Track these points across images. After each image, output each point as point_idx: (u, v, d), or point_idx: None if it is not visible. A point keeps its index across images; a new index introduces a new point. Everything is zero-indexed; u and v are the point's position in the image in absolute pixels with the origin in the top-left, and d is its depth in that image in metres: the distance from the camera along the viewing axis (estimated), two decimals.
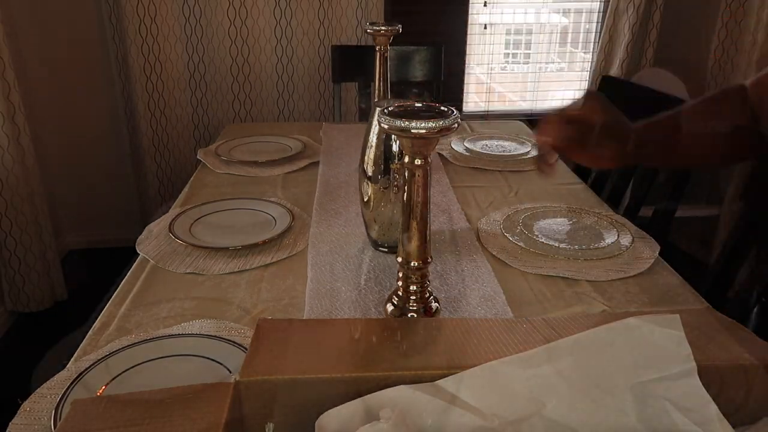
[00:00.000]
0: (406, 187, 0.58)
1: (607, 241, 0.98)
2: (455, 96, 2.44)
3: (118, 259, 0.91)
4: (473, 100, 2.58)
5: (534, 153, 1.42)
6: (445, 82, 1.93)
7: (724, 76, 2.18)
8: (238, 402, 0.39)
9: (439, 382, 0.40)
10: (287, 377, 0.40)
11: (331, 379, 0.40)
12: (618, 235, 0.99)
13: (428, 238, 0.60)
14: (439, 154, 1.43)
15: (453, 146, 1.46)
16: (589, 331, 0.44)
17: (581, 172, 1.41)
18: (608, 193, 1.34)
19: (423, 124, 0.52)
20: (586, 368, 0.42)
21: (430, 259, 0.62)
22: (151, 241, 0.99)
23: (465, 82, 2.46)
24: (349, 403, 0.39)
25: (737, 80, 2.15)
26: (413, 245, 0.60)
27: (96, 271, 1.05)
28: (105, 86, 2.26)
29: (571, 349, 0.43)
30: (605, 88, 1.55)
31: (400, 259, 0.61)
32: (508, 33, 2.55)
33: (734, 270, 0.98)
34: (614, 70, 2.27)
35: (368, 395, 0.39)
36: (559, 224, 1.05)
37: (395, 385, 0.40)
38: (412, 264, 0.61)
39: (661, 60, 2.26)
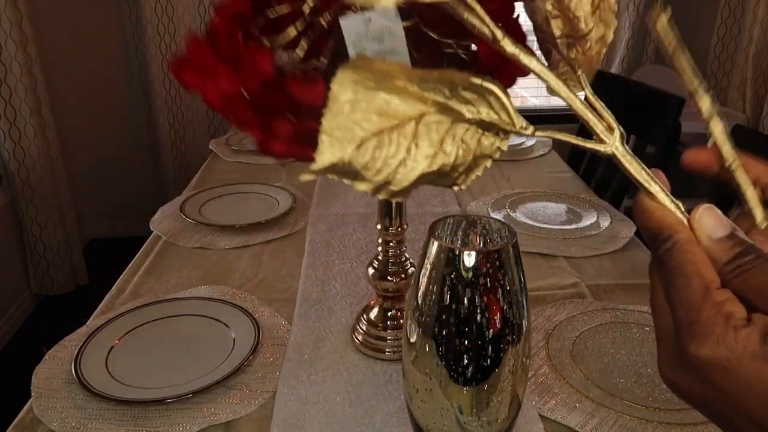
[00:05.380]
0: None
1: (586, 222, 1.04)
2: None
3: (137, 247, 0.99)
4: None
5: (529, 143, 1.49)
6: None
7: (723, 72, 2.22)
8: None
9: None
10: None
11: None
12: (598, 217, 1.06)
13: (404, 206, 0.68)
14: None
15: None
16: None
17: (573, 162, 1.48)
18: (597, 181, 1.40)
19: None
20: None
21: (406, 226, 0.69)
22: (163, 220, 1.07)
23: None
24: None
25: (737, 76, 2.19)
26: (391, 212, 0.67)
27: (115, 258, 1.13)
28: (125, 82, 2.37)
29: None
30: (597, 83, 1.59)
31: (379, 226, 0.69)
32: None
33: None
34: (615, 68, 2.32)
35: None
36: (543, 207, 1.11)
37: None
38: (390, 230, 0.68)
39: (662, 57, 2.30)
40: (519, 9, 0.46)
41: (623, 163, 0.29)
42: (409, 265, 0.71)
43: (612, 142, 0.29)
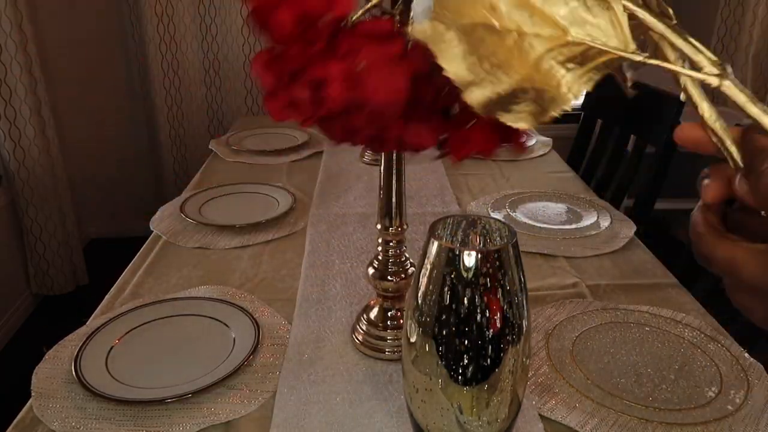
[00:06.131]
0: (383, 159, 0.65)
1: (586, 222, 1.04)
2: None
3: (137, 247, 0.99)
4: None
5: (529, 143, 1.49)
6: None
7: None
8: None
9: None
10: None
11: None
12: (598, 217, 1.06)
13: (404, 206, 0.68)
14: None
15: None
16: None
17: (573, 162, 1.47)
18: (597, 181, 1.40)
19: None
20: None
21: (406, 226, 0.69)
22: (163, 220, 1.08)
23: None
24: None
25: (737, 76, 2.19)
26: (391, 212, 0.67)
27: (115, 258, 1.13)
28: (125, 82, 2.37)
29: None
30: (597, 83, 1.59)
31: (379, 226, 0.69)
32: None
33: None
34: None
35: None
36: (543, 207, 1.11)
37: None
38: (390, 230, 0.68)
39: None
40: None
41: (733, 95, 0.26)
42: (409, 265, 0.71)
43: (722, 73, 0.26)
